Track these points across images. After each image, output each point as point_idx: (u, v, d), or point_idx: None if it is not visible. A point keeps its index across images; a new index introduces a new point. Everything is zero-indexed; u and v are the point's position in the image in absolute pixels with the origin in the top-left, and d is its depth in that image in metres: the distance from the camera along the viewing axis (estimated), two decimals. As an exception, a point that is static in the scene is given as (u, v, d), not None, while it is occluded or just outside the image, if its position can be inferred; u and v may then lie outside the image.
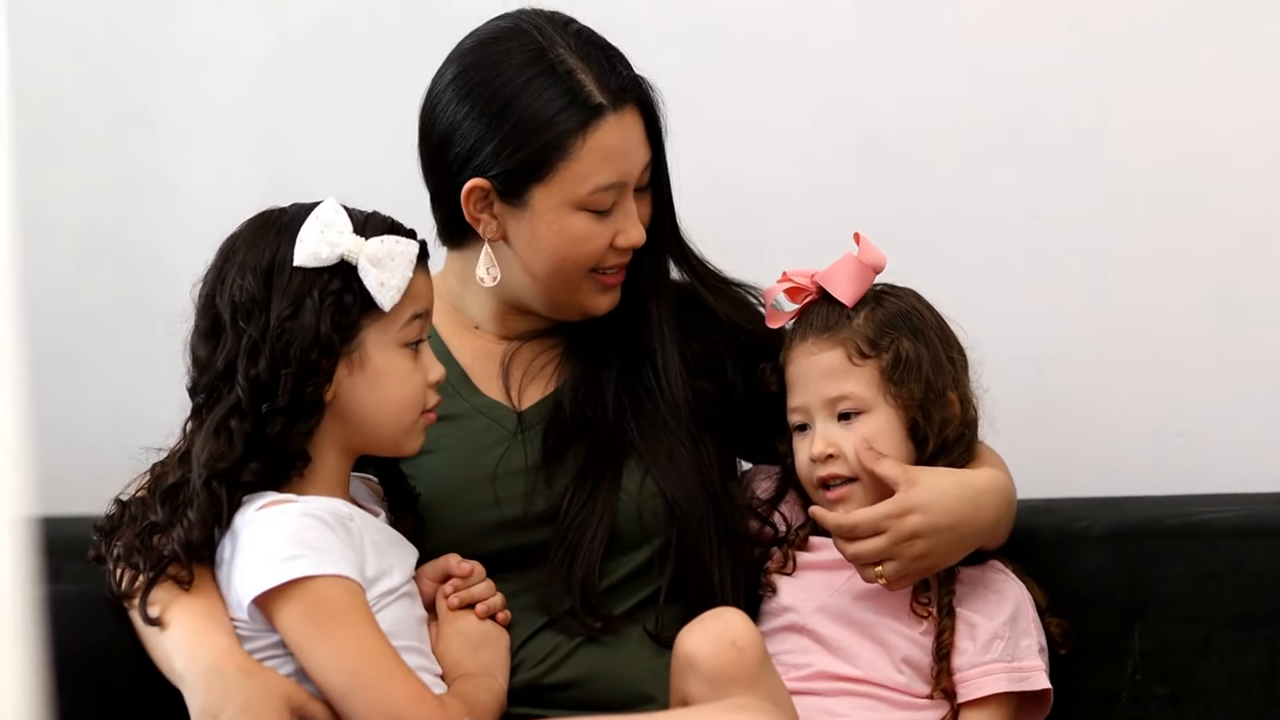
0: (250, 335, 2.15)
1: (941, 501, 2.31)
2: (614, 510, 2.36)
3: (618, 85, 2.32)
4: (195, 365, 2.20)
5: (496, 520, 2.35)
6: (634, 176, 2.34)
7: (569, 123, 2.30)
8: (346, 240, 2.17)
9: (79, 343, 3.08)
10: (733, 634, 2.16)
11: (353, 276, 2.17)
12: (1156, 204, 2.79)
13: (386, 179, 2.42)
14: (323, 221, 2.17)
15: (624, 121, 2.33)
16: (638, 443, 2.39)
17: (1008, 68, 2.82)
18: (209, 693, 2.12)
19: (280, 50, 3.02)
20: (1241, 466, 2.72)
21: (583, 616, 2.33)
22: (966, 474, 2.35)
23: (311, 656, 2.13)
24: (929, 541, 2.30)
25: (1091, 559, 2.50)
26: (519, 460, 2.38)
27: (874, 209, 2.83)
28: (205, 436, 2.16)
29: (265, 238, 2.19)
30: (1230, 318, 2.78)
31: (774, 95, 2.88)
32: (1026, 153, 2.82)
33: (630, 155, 2.34)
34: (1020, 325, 2.46)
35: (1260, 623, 2.43)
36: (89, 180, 3.08)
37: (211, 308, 2.18)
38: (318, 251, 2.16)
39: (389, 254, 2.17)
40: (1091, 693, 2.46)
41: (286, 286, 2.15)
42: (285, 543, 2.13)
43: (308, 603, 2.12)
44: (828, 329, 2.39)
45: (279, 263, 2.17)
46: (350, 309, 2.17)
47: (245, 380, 2.15)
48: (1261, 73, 2.76)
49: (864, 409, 2.37)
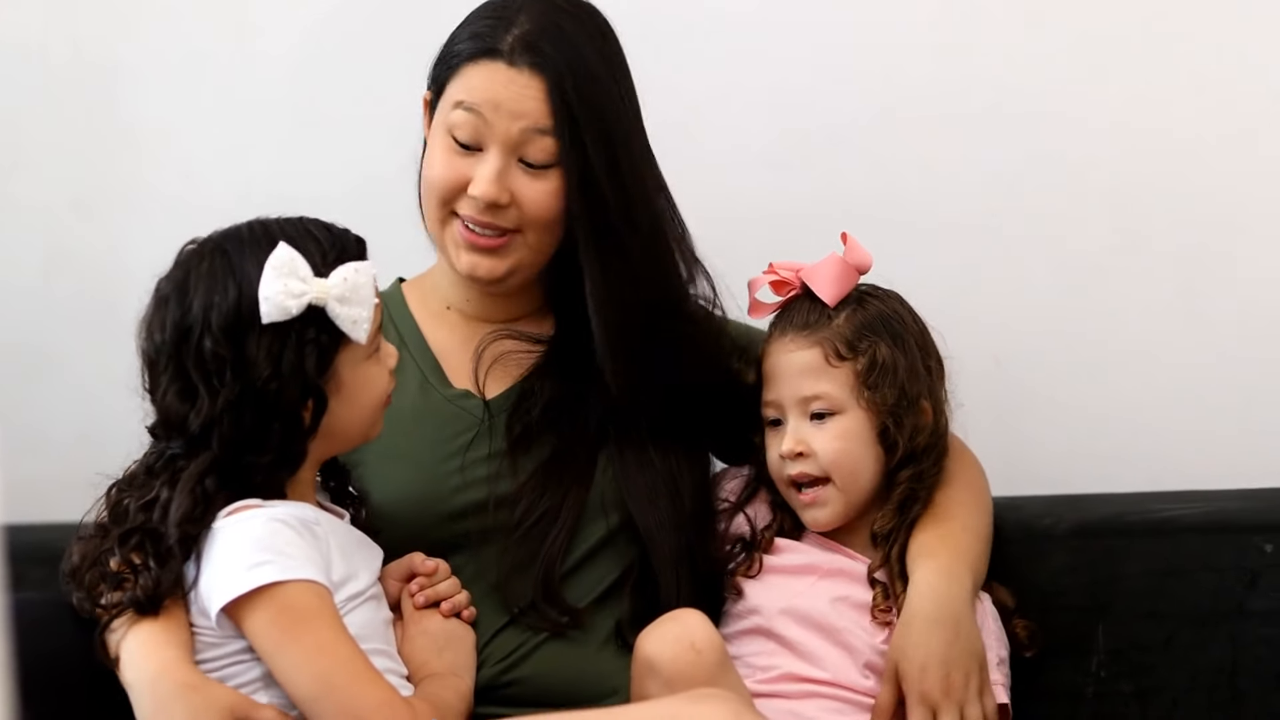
0: (227, 398, 2.13)
1: (922, 640, 2.30)
2: (578, 513, 2.37)
3: (526, 46, 2.32)
4: (167, 421, 2.17)
5: (462, 504, 2.36)
6: (501, 127, 2.32)
7: (468, 50, 2.34)
8: (311, 287, 2.14)
9: (44, 349, 3.07)
10: (692, 636, 2.17)
11: (323, 318, 2.15)
12: (1119, 200, 2.80)
13: (352, 183, 2.43)
14: (281, 272, 2.13)
15: (514, 76, 2.32)
16: (609, 446, 2.40)
17: (971, 64, 2.82)
18: (155, 706, 2.12)
19: (245, 56, 3.01)
20: (1204, 463, 2.73)
21: (544, 608, 2.33)
22: (915, 598, 2.32)
23: (280, 662, 2.12)
24: (942, 666, 2.29)
25: (1055, 556, 2.50)
26: (484, 448, 2.39)
27: (833, 203, 2.82)
28: (181, 494, 2.14)
29: (218, 289, 2.14)
30: (1193, 314, 2.79)
31: (734, 86, 2.88)
32: (988, 148, 2.82)
33: (502, 104, 2.32)
34: (981, 321, 2.46)
35: (1224, 619, 2.44)
36: (54, 186, 3.07)
37: (181, 368, 2.15)
38: (285, 307, 2.13)
39: (354, 289, 2.15)
40: (1056, 690, 2.47)
41: (259, 345, 2.13)
42: (252, 549, 2.12)
43: (275, 609, 2.11)
44: (807, 327, 2.40)
45: (245, 320, 2.13)
46: (328, 350, 2.16)
47: (224, 442, 2.13)
48: (1225, 72, 2.77)
49: (837, 410, 2.38)
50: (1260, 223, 2.77)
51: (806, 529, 2.44)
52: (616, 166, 2.35)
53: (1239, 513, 2.50)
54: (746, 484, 2.49)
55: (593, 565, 2.39)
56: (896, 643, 2.32)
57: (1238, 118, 2.77)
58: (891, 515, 2.39)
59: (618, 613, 2.39)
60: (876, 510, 2.41)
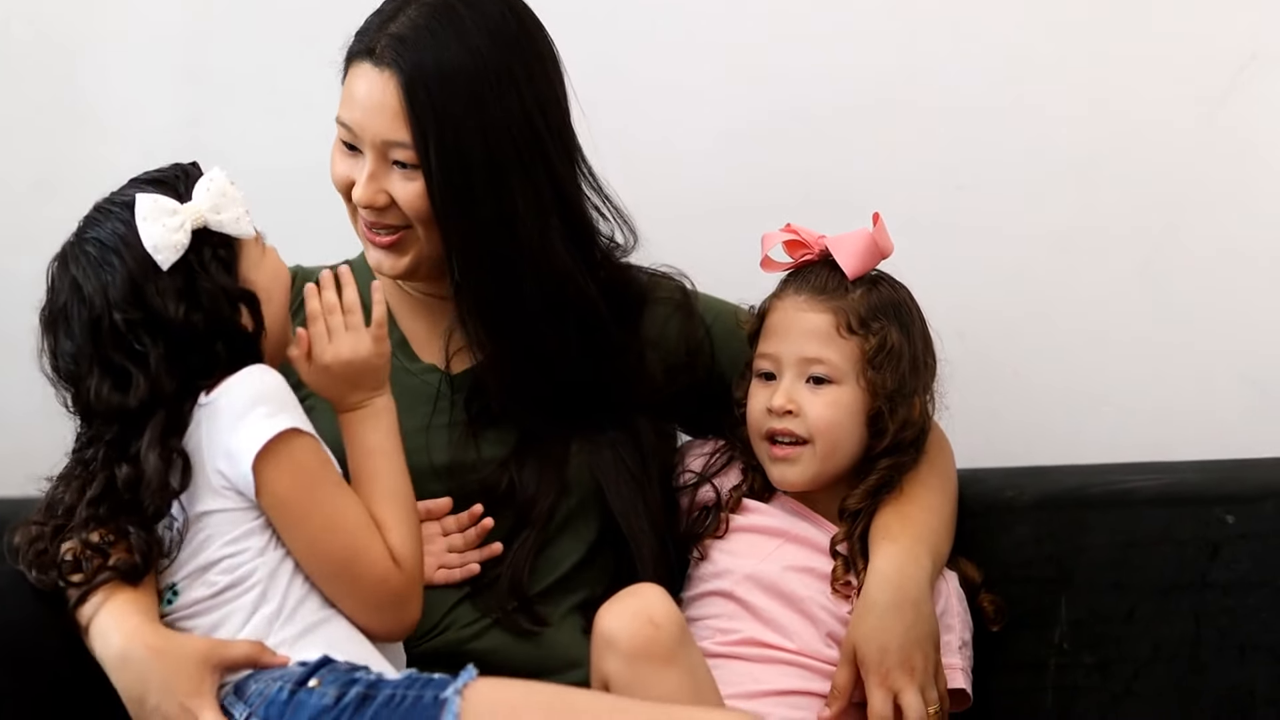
0: (158, 356, 2.15)
1: (881, 624, 2.31)
2: (547, 514, 2.38)
3: (390, 45, 2.31)
4: (105, 413, 2.17)
5: (428, 466, 2.36)
6: (367, 134, 2.33)
7: (352, 49, 2.36)
8: (185, 213, 2.18)
9: (8, 324, 3.06)
10: (650, 611, 2.16)
11: (207, 235, 2.18)
12: (1081, 177, 2.81)
13: (316, 158, 2.42)
14: (151, 216, 2.17)
15: (374, 78, 2.32)
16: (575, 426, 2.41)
17: (936, 42, 2.83)
18: (128, 679, 2.12)
19: (205, 33, 3.00)
20: (1165, 435, 2.75)
21: (513, 616, 2.35)
22: (874, 581, 2.33)
23: (303, 523, 2.14)
24: (902, 650, 2.30)
25: (1018, 529, 2.51)
26: (446, 417, 2.40)
27: (799, 180, 2.84)
28: (153, 465, 2.13)
29: (103, 270, 2.18)
30: (1153, 289, 2.80)
31: (697, 68, 2.88)
32: (952, 126, 2.83)
33: (366, 110, 2.32)
34: (945, 297, 2.47)
35: (1185, 590, 2.45)
36: (13, 166, 3.06)
37: (103, 360, 2.16)
38: (175, 242, 2.17)
39: (220, 194, 2.19)
40: (1019, 662, 2.48)
41: (163, 294, 2.15)
42: (261, 399, 2.14)
43: (293, 462, 2.14)
44: (824, 292, 2.40)
45: (141, 278, 2.16)
46: (228, 260, 2.19)
47: (174, 394, 2.14)
48: (1187, 52, 2.78)
49: (836, 380, 2.38)
50: (1217, 200, 2.79)
51: (775, 493, 2.44)
52: (480, 167, 2.32)
53: (1200, 484, 2.51)
54: (714, 455, 2.49)
55: (556, 544, 2.40)
56: (855, 626, 2.32)
57: (1195, 98, 2.78)
58: (864, 496, 2.40)
59: (582, 593, 2.40)
60: (846, 487, 2.41)
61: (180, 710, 2.09)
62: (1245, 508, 2.45)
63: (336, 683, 2.09)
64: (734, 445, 2.47)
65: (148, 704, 2.10)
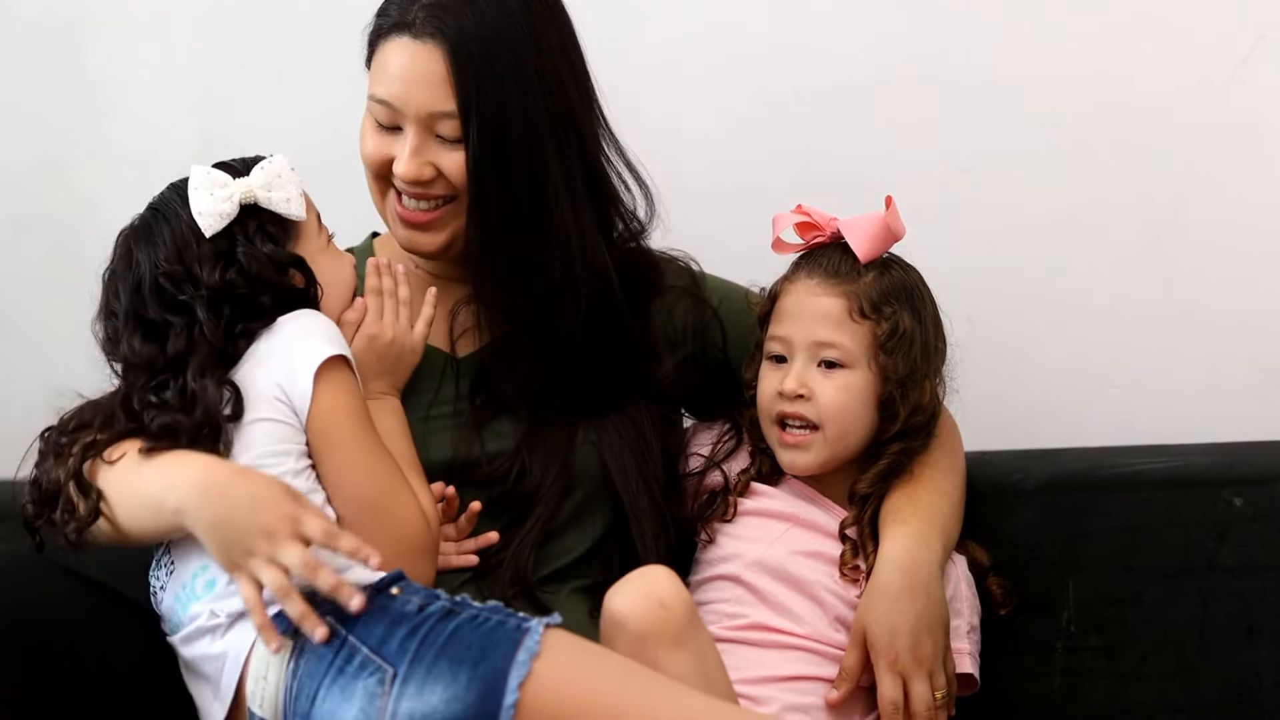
0: (202, 297, 2.18)
1: (892, 607, 2.30)
2: (553, 507, 2.37)
3: (429, 16, 2.30)
4: (142, 364, 2.19)
5: (432, 456, 2.35)
6: (411, 109, 2.32)
7: (383, 25, 2.35)
8: (235, 187, 2.22)
9: (12, 304, 3.07)
10: (660, 593, 2.15)
11: (258, 211, 2.23)
12: (1087, 157, 2.80)
13: (321, 137, 2.43)
14: (204, 187, 2.22)
15: (415, 51, 2.31)
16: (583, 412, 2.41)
17: (939, 20, 2.83)
18: (213, 508, 2.07)
19: (211, 11, 3.00)
20: (1173, 418, 2.74)
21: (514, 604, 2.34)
22: (885, 564, 2.32)
23: (345, 448, 2.17)
24: (912, 634, 2.30)
25: (1025, 512, 2.51)
26: (450, 406, 2.39)
27: (802, 160, 2.84)
28: (208, 390, 2.15)
29: (156, 240, 2.22)
30: (1160, 269, 2.79)
31: (702, 47, 2.88)
32: (957, 105, 2.82)
33: (408, 84, 2.32)
34: (952, 279, 2.46)
35: (1193, 573, 2.44)
36: (21, 142, 3.06)
37: (140, 318, 2.20)
38: (220, 210, 2.21)
39: (275, 175, 2.24)
40: (1026, 645, 2.47)
41: (205, 260, 2.19)
42: (326, 331, 2.20)
43: (343, 391, 2.18)
44: (837, 275, 2.39)
45: (188, 244, 2.20)
46: (277, 237, 2.23)
47: (215, 342, 2.17)
48: (1184, 25, 2.77)
49: (848, 364, 2.37)
50: (1227, 183, 2.78)
51: (784, 476, 2.44)
52: (519, 132, 2.32)
53: (1208, 467, 2.50)
54: (721, 438, 2.49)
55: (561, 538, 2.39)
56: (865, 609, 2.32)
57: (1203, 79, 2.77)
58: (873, 480, 2.39)
59: (586, 580, 2.39)
60: (855, 471, 2.41)
61: (278, 518, 2.05)
62: (1253, 490, 2.44)
63: (420, 594, 2.08)
64: (742, 428, 2.47)
65: (234, 526, 2.05)
